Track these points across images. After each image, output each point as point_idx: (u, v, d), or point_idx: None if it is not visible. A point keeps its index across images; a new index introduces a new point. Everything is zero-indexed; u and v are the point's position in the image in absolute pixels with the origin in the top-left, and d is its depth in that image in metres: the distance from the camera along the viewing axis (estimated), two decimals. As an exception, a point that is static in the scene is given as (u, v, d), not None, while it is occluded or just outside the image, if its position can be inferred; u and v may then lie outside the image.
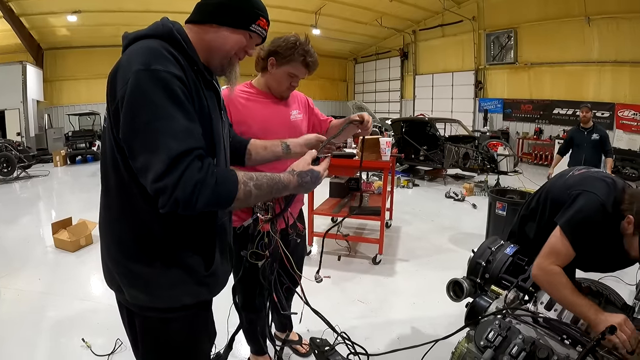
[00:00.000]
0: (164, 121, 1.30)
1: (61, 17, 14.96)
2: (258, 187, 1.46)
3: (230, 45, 1.58)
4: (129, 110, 1.31)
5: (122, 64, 1.37)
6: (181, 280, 1.57)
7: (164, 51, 1.39)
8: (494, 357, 1.74)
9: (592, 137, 6.92)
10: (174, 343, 1.68)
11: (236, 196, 1.40)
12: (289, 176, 1.58)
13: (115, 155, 1.44)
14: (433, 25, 19.03)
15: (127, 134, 1.33)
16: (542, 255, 2.10)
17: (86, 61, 18.06)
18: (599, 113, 12.71)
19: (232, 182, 1.40)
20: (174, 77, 1.34)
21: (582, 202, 2.08)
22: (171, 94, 1.33)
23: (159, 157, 1.27)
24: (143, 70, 1.31)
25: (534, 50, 14.87)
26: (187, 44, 1.48)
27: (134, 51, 1.39)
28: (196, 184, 1.29)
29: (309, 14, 17.24)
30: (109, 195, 1.55)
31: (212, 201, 1.36)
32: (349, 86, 26.59)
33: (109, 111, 1.40)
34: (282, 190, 1.57)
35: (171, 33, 1.46)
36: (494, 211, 5.65)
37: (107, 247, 1.60)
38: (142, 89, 1.30)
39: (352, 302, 4.32)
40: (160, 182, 1.27)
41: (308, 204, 5.46)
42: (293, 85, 2.61)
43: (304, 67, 2.52)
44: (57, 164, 14.12)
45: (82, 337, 3.50)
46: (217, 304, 1.88)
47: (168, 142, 1.29)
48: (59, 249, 5.90)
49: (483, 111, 16.97)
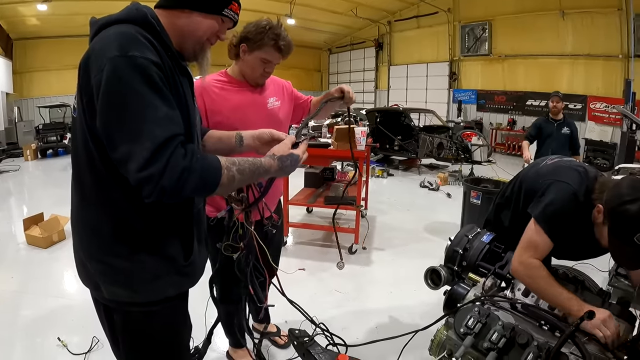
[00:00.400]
0: (145, 108, 1.27)
1: (31, 6, 14.54)
2: (241, 171, 1.46)
3: (202, 31, 1.54)
4: (106, 98, 1.26)
5: (95, 50, 1.32)
6: (163, 272, 1.54)
7: (140, 36, 1.35)
8: (474, 343, 1.74)
9: (563, 131, 6.28)
10: (158, 336, 1.66)
11: (220, 181, 1.39)
12: (269, 160, 1.59)
13: (89, 146, 1.39)
14: (408, 17, 19.05)
15: (106, 124, 1.29)
16: (520, 249, 2.11)
17: (57, 52, 17.55)
18: (572, 105, 12.91)
19: (216, 168, 1.39)
20: (152, 63, 1.30)
21: (555, 192, 2.09)
22: (149, 81, 1.29)
23: (142, 145, 1.24)
24: (119, 56, 1.26)
25: (508, 42, 15.00)
26: (161, 29, 1.44)
27: (108, 36, 1.33)
28: (183, 170, 1.28)
29: (283, 4, 17.08)
30: (83, 188, 1.50)
31: (199, 187, 1.36)
32: (324, 76, 26.53)
33: (82, 100, 1.35)
34: (264, 174, 1.57)
35: (146, 18, 1.41)
36: (469, 200, 5.70)
37: (82, 242, 1.54)
38: (119, 76, 1.25)
39: (329, 292, 4.32)
40: (146, 171, 1.24)
41: (283, 195, 5.43)
42: (267, 71, 2.54)
43: (277, 51, 2.46)
44: (28, 158, 13.75)
45: (57, 336, 3.42)
46: (193, 297, 1.85)
47: (151, 129, 1.25)
48: (31, 245, 5.75)
49: (457, 102, 17.09)
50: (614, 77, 12.10)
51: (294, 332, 2.28)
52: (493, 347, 1.68)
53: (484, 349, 1.70)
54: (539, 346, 1.64)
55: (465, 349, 1.73)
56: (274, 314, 3.08)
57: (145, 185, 1.25)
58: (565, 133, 6.28)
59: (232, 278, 2.01)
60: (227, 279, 2.25)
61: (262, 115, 2.59)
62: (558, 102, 6.40)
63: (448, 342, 1.87)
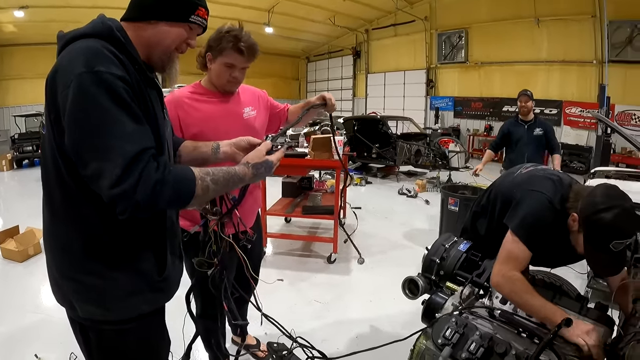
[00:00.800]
0: (113, 125, 1.25)
1: (7, 12, 14.34)
2: (215, 181, 1.46)
3: (170, 40, 1.52)
4: (73, 116, 1.25)
5: (61, 66, 1.31)
6: (136, 289, 1.53)
7: (106, 51, 1.33)
8: (452, 354, 1.73)
9: (535, 133, 5.75)
10: (133, 354, 1.64)
11: (195, 192, 1.39)
12: (244, 169, 1.59)
13: (57, 162, 1.38)
14: (386, 25, 19.26)
15: (74, 142, 1.27)
16: (500, 262, 2.08)
17: (33, 59, 17.27)
18: (547, 110, 13.18)
19: (190, 179, 1.38)
20: (118, 79, 1.29)
21: (530, 202, 2.09)
22: (116, 97, 1.27)
23: (114, 161, 1.22)
24: (85, 72, 1.25)
25: (484, 49, 15.25)
26: (127, 42, 1.42)
27: (74, 51, 1.32)
28: (155, 183, 1.27)
29: (261, 12, 17.12)
30: (53, 205, 1.48)
31: (173, 199, 1.34)
32: (302, 85, 26.61)
33: (49, 117, 1.33)
34: (238, 182, 1.57)
35: (111, 31, 1.40)
36: (447, 207, 5.72)
37: (55, 260, 1.52)
38: (85, 92, 1.24)
39: (309, 302, 4.29)
40: (118, 187, 1.22)
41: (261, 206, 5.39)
42: (234, 76, 2.47)
43: (237, 53, 2.39)
44: (3, 168, 13.51)
45: (34, 353, 3.35)
46: (170, 312, 1.82)
47: (120, 145, 1.24)
48: (6, 259, 5.61)
49: (434, 109, 17.28)
50: (589, 82, 12.37)
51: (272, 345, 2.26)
52: (471, 358, 1.67)
53: (462, 359, 1.69)
54: (517, 355, 1.64)
55: (444, 360, 1.72)
56: (254, 327, 3.02)
57: (119, 202, 1.24)
58: (538, 134, 5.77)
59: (210, 293, 1.98)
60: (205, 294, 2.23)
61: (238, 125, 2.55)
62: (527, 101, 5.82)
63: (427, 352, 1.86)
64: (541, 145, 5.81)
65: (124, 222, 1.39)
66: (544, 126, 5.85)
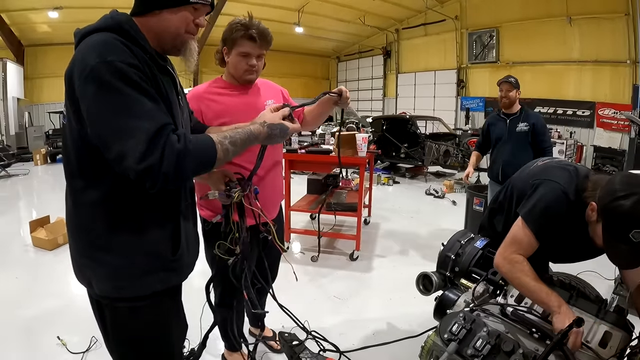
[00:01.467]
0: (131, 106, 1.33)
1: (42, 13, 14.76)
2: (233, 143, 1.54)
3: (175, 26, 1.56)
4: (93, 105, 1.33)
5: (76, 60, 1.39)
6: (150, 267, 1.60)
7: (117, 42, 1.40)
8: (458, 350, 1.71)
9: (519, 129, 4.69)
10: (145, 331, 1.70)
11: (217, 156, 1.48)
12: (259, 127, 1.67)
13: (78, 150, 1.48)
14: (416, 24, 19.04)
15: (96, 128, 1.35)
16: (504, 245, 2.09)
17: (67, 58, 16.90)
18: (580, 112, 12.86)
19: (210, 145, 1.47)
20: (130, 66, 1.36)
21: (543, 191, 2.06)
22: (130, 81, 1.35)
23: (137, 139, 1.30)
24: (99, 63, 1.33)
25: (515, 49, 14.94)
26: (137, 34, 1.49)
27: (87, 46, 1.41)
28: (179, 154, 1.34)
29: (291, 12, 17.16)
30: (74, 190, 1.57)
31: (197, 166, 1.46)
32: (332, 84, 26.52)
33: (70, 109, 1.42)
34: (254, 140, 1.65)
35: (119, 24, 1.47)
36: (472, 207, 5.67)
37: (75, 241, 1.62)
38: (101, 81, 1.32)
39: (328, 298, 4.30)
40: (145, 162, 1.30)
41: (285, 201, 5.43)
42: (250, 64, 2.52)
43: (249, 40, 2.45)
44: (38, 162, 13.90)
45: (57, 335, 3.46)
46: (190, 301, 1.87)
47: (141, 124, 1.32)
48: (36, 247, 5.82)
49: (465, 109, 17.02)
50: (622, 83, 11.98)
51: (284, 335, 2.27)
52: (477, 354, 1.65)
53: (468, 355, 1.67)
54: (525, 354, 1.61)
55: (449, 356, 1.71)
56: (271, 319, 3.09)
57: (147, 177, 1.32)
58: (522, 130, 4.70)
59: (229, 283, 2.01)
60: (223, 284, 2.27)
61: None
62: (509, 90, 4.69)
63: (435, 348, 1.85)
64: (526, 143, 4.71)
65: (139, 204, 1.52)
66: (533, 119, 4.72)
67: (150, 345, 1.72)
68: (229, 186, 1.91)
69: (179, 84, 1.75)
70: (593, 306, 1.98)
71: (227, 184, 1.93)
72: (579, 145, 12.70)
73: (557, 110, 13.48)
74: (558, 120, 13.47)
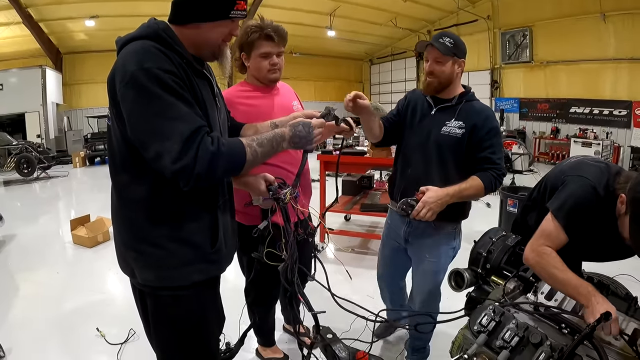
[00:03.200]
0: (168, 110, 1.43)
1: (79, 22, 15.20)
2: (260, 144, 1.64)
3: (215, 38, 1.66)
4: (132, 109, 1.45)
5: (117, 67, 1.50)
6: (190, 259, 1.69)
7: (154, 49, 1.50)
8: (487, 342, 1.75)
9: (445, 130, 2.64)
10: (185, 320, 1.79)
11: (247, 158, 1.57)
12: (282, 129, 1.75)
13: (121, 149, 1.58)
14: (448, 25, 18.83)
15: (136, 129, 1.46)
16: (533, 238, 2.10)
17: (104, 65, 17.85)
18: (616, 111, 12.61)
19: (240, 148, 1.57)
20: (166, 72, 1.46)
21: (573, 186, 2.07)
22: (166, 87, 1.45)
23: (173, 140, 1.41)
24: (137, 70, 1.43)
25: (549, 48, 14.71)
26: (174, 40, 1.58)
27: (127, 53, 1.51)
28: (212, 156, 1.45)
29: (323, 16, 17.22)
30: (119, 186, 1.68)
31: (229, 168, 1.56)
32: (365, 87, 26.43)
33: (112, 112, 1.53)
34: (281, 141, 1.73)
35: (157, 33, 1.57)
36: (506, 208, 5.65)
37: (120, 233, 1.73)
38: (139, 87, 1.42)
39: (362, 297, 4.34)
40: (180, 162, 1.40)
41: (320, 202, 5.51)
42: (272, 64, 2.55)
43: (267, 40, 2.48)
44: (76, 165, 14.39)
45: (96, 327, 3.62)
46: (229, 304, 2.01)
47: (177, 126, 1.43)
48: (77, 244, 6.07)
49: (499, 111, 16.78)
50: (660, 80, 11.64)
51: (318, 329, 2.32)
52: (506, 346, 1.69)
53: (496, 347, 1.71)
54: (552, 346, 1.65)
55: (478, 347, 1.74)
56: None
57: (181, 175, 1.43)
58: (452, 134, 2.69)
59: (266, 284, 2.09)
60: (258, 287, 2.39)
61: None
62: (439, 58, 2.59)
63: (465, 341, 1.89)
64: (451, 154, 2.68)
65: (179, 199, 1.61)
66: (475, 118, 2.62)
67: (190, 333, 1.80)
68: (271, 190, 1.96)
69: (217, 87, 1.85)
70: (623, 303, 1.99)
71: (268, 189, 1.97)
72: (615, 146, 12.45)
73: (593, 110, 13.28)
74: (594, 121, 13.29)
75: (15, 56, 16.76)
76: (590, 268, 2.47)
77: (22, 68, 15.81)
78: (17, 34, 15.27)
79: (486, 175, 2.52)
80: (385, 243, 3.18)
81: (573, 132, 13.91)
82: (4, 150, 11.76)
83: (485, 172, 2.53)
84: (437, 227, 2.67)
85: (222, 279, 1.99)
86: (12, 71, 15.82)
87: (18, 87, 15.38)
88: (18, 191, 10.69)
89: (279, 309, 3.35)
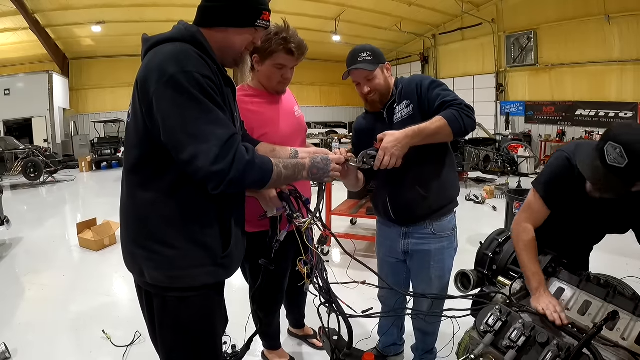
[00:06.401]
0: (207, 114, 1.46)
1: (86, 27, 15.35)
2: (285, 167, 1.68)
3: (239, 44, 1.70)
4: (171, 110, 1.45)
5: (153, 66, 1.49)
6: (201, 262, 1.69)
7: (194, 54, 1.52)
8: (494, 342, 1.75)
9: (398, 115, 2.46)
10: (192, 322, 1.78)
11: (272, 175, 1.62)
12: (304, 160, 1.80)
13: (144, 148, 1.58)
14: (453, 29, 18.94)
15: (172, 130, 1.47)
16: (519, 212, 2.23)
17: (110, 70, 18.42)
18: (622, 113, 12.58)
19: (270, 165, 1.62)
20: (204, 77, 1.48)
21: (551, 159, 2.18)
22: (205, 92, 1.47)
23: (211, 143, 1.44)
24: (179, 72, 1.45)
25: (554, 51, 14.72)
26: (208, 46, 1.61)
27: (164, 54, 1.51)
28: (247, 164, 1.50)
29: (328, 21, 17.31)
30: (132, 185, 1.68)
31: (257, 180, 1.58)
32: (370, 92, 26.46)
33: (141, 110, 1.53)
34: (301, 170, 1.76)
35: (195, 36, 1.59)
36: (512, 211, 5.63)
37: (129, 231, 1.72)
38: (181, 89, 1.44)
39: (367, 300, 4.32)
40: (217, 165, 1.43)
41: (326, 205, 5.51)
42: (285, 77, 2.49)
43: (288, 54, 2.38)
44: (83, 169, 14.44)
45: (102, 329, 3.62)
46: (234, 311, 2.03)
47: (215, 130, 1.46)
48: (83, 248, 6.08)
49: (505, 114, 16.80)
50: (665, 82, 11.59)
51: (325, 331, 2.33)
52: (512, 346, 1.69)
53: (503, 347, 1.71)
54: (559, 346, 1.64)
55: (485, 347, 1.74)
56: (309, 318, 3.31)
57: (215, 178, 1.46)
58: (405, 115, 2.61)
59: (272, 290, 2.09)
60: (264, 294, 2.40)
61: (293, 124, 2.66)
62: (368, 77, 2.38)
63: (471, 342, 1.89)
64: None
65: (194, 202, 1.63)
66: (411, 88, 2.48)
67: (196, 335, 1.80)
68: (284, 201, 2.00)
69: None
70: (630, 303, 1.98)
71: (280, 195, 2.02)
72: (621, 149, 12.37)
73: (599, 113, 13.26)
74: (600, 123, 13.23)
75: (23, 61, 16.94)
76: (597, 270, 2.45)
77: (29, 73, 15.99)
78: (24, 40, 15.42)
79: (447, 111, 2.26)
80: (383, 261, 2.93)
81: (579, 135, 13.87)
82: (11, 155, 11.81)
83: (445, 110, 2.28)
84: (437, 231, 2.62)
85: (228, 284, 2.00)
86: (19, 76, 16.00)
87: (25, 92, 15.54)
88: (25, 195, 10.74)
89: (284, 314, 3.35)
